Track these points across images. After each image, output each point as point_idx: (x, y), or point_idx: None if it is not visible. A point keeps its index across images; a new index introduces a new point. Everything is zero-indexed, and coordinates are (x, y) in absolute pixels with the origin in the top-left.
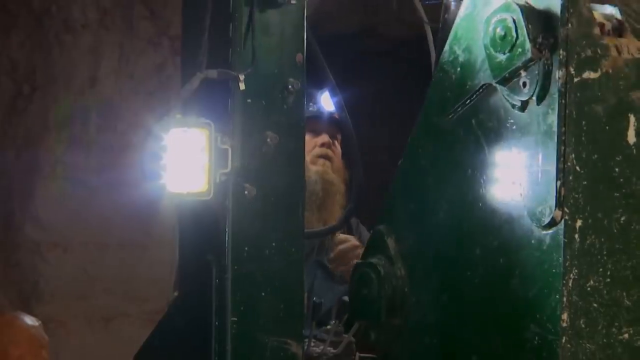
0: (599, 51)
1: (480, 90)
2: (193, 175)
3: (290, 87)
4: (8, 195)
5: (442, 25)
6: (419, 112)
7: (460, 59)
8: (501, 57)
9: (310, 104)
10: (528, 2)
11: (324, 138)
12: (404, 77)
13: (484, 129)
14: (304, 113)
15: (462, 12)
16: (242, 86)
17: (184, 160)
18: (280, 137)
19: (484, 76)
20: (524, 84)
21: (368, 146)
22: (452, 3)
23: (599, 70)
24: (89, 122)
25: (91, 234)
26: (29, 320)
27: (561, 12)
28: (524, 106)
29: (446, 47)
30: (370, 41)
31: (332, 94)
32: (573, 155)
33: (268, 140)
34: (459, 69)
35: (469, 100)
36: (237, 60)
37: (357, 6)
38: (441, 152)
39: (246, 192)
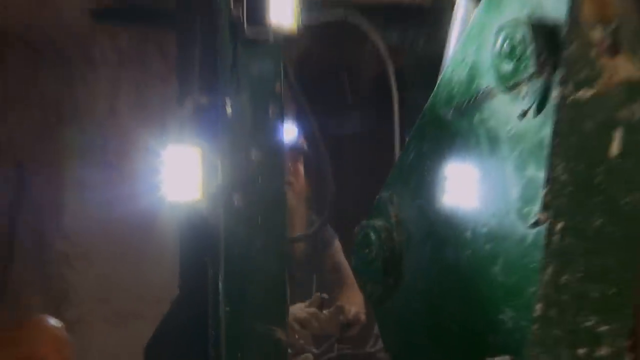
0: (594, 72)
1: (486, 91)
2: (189, 187)
3: (270, 111)
4: (40, 214)
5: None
6: (429, 100)
7: (471, 58)
8: (507, 68)
9: None
10: (536, 20)
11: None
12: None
13: (484, 127)
14: (283, 133)
15: (475, 17)
16: (228, 110)
17: (180, 173)
18: (263, 154)
19: (490, 79)
20: (525, 96)
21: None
22: (462, 5)
23: (593, 89)
24: (108, 147)
25: (112, 246)
26: (53, 321)
27: (564, 35)
28: (522, 115)
29: (459, 45)
30: (350, 78)
31: (310, 123)
32: (561, 166)
33: (252, 156)
34: (468, 67)
35: (474, 98)
36: (224, 88)
37: (335, 47)
38: (444, 140)
39: (235, 202)
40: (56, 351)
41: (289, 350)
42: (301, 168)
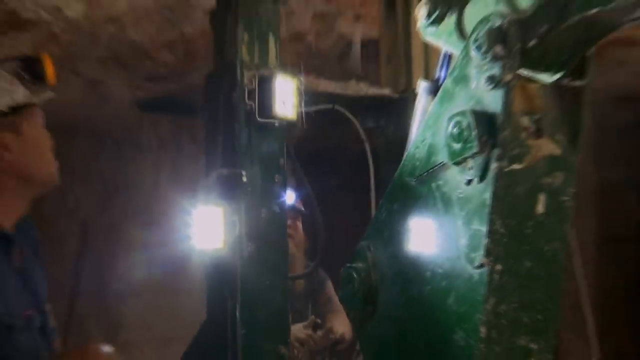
0: (523, 150)
1: (440, 165)
2: (213, 238)
3: (276, 180)
4: (99, 261)
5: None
6: (397, 171)
7: (429, 140)
8: (456, 147)
9: None
10: (478, 111)
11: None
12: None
13: (440, 192)
14: (285, 197)
15: (432, 108)
16: (244, 179)
17: (207, 227)
18: (270, 213)
19: (444, 155)
20: (470, 168)
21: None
22: (422, 99)
23: (523, 163)
24: (153, 212)
25: (155, 284)
26: (107, 347)
27: (500, 122)
28: (469, 183)
29: (420, 130)
30: (340, 154)
31: (306, 191)
32: (499, 222)
33: (262, 215)
34: (427, 146)
35: (432, 170)
36: (241, 163)
37: (325, 130)
38: (409, 202)
39: (249, 249)
40: None
41: None
42: (299, 224)
